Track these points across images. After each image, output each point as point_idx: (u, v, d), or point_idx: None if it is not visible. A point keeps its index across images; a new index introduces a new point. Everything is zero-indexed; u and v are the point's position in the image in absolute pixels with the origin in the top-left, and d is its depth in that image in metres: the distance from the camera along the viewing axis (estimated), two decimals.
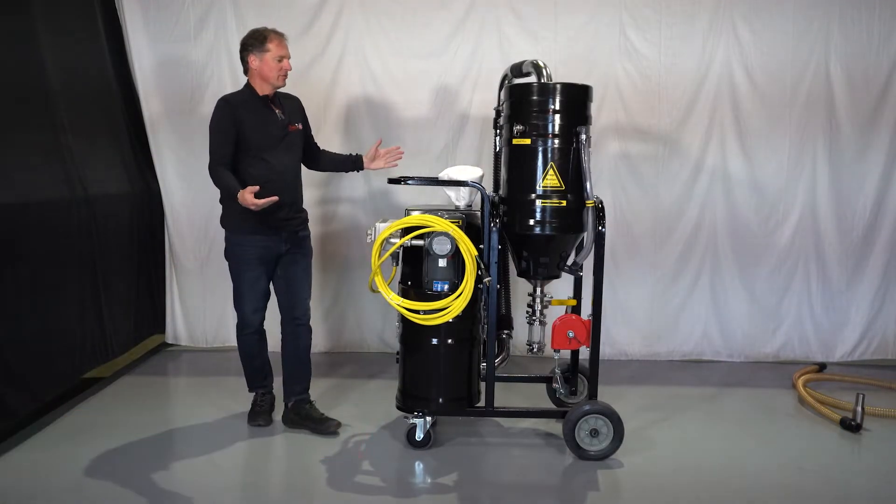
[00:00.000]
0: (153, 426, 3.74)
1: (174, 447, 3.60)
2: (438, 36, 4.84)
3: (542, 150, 3.38)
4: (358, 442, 3.60)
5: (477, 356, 3.52)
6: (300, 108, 3.77)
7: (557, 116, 3.36)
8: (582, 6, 4.79)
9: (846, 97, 4.81)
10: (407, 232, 3.37)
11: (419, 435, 3.47)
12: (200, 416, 3.90)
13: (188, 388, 4.61)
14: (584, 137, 3.35)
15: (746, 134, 4.86)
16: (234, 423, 3.81)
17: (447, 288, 3.35)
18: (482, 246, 3.41)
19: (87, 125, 4.27)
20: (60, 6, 4.17)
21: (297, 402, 3.76)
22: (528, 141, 3.39)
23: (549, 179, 3.37)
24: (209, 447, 3.51)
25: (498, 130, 3.84)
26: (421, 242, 3.35)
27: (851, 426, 3.77)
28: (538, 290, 3.65)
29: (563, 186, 3.38)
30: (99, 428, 3.70)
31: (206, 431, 3.72)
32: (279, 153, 3.58)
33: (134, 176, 4.78)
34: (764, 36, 4.78)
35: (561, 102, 3.36)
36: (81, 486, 3.11)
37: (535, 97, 3.39)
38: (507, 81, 3.76)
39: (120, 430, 3.66)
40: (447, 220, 3.34)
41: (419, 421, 3.47)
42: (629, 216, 4.94)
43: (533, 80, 3.52)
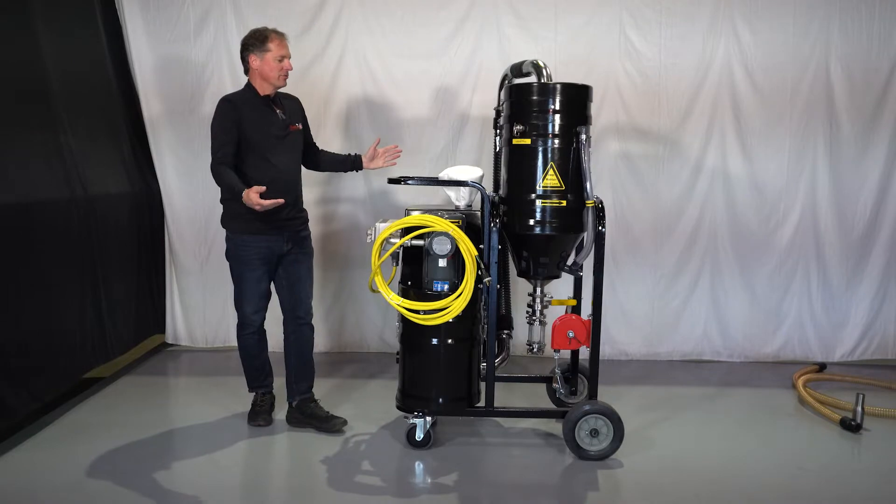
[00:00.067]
0: (153, 426, 3.74)
1: (174, 447, 3.60)
2: (438, 36, 4.84)
3: (542, 150, 3.38)
4: (358, 442, 3.60)
5: (477, 356, 3.52)
6: (300, 108, 3.77)
7: (557, 116, 3.36)
8: (582, 6, 4.79)
9: (846, 97, 4.81)
10: (407, 232, 3.37)
11: (419, 435, 3.47)
12: (201, 415, 3.90)
13: (188, 388, 4.61)
14: (584, 137, 3.35)
15: (746, 134, 4.86)
16: (234, 422, 3.81)
17: (447, 288, 3.35)
18: (482, 246, 3.41)
19: (87, 125, 4.27)
20: (60, 6, 4.17)
21: (301, 401, 3.76)
22: (528, 141, 3.39)
23: (549, 179, 3.37)
24: (209, 447, 3.51)
25: (498, 130, 3.85)
26: (421, 242, 3.35)
27: (851, 426, 3.77)
28: (538, 290, 3.65)
29: (563, 186, 3.38)
30: (99, 428, 3.70)
31: (206, 431, 3.72)
32: (280, 153, 3.58)
33: (134, 176, 4.78)
34: (764, 36, 4.78)
35: (561, 102, 3.36)
36: (82, 485, 3.11)
37: (535, 97, 3.39)
38: (507, 81, 3.76)
39: (120, 429, 3.66)
40: (447, 220, 3.34)
41: (419, 421, 3.47)
42: (629, 216, 4.94)
43: (533, 80, 3.52)
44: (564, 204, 3.39)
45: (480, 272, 3.34)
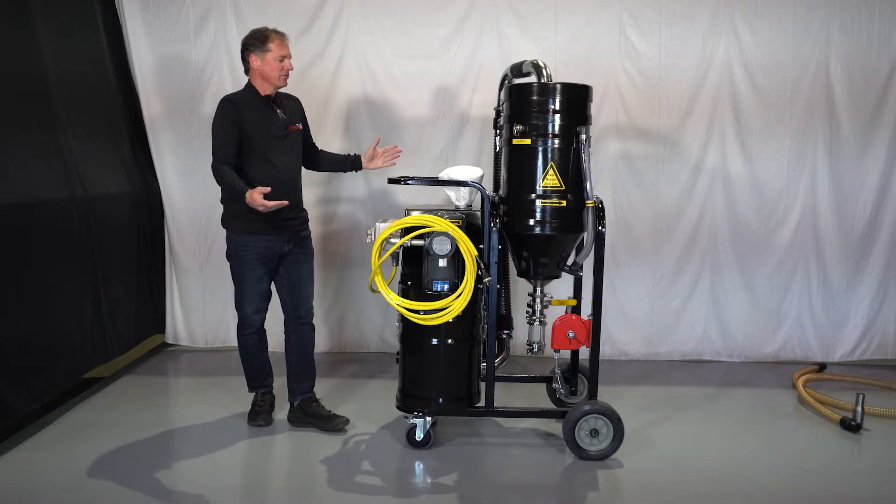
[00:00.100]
0: (153, 426, 3.74)
1: (174, 447, 3.60)
2: (438, 36, 4.84)
3: (542, 150, 3.38)
4: (358, 442, 3.60)
5: (477, 356, 3.52)
6: (300, 108, 3.77)
7: (557, 116, 3.36)
8: (582, 6, 4.79)
9: (846, 97, 4.81)
10: (407, 232, 3.37)
11: (419, 435, 3.47)
12: (201, 415, 3.89)
13: (188, 387, 4.60)
14: (584, 137, 3.35)
15: (746, 134, 4.86)
16: (234, 422, 3.81)
17: (447, 288, 3.35)
18: (482, 246, 3.41)
19: (87, 125, 4.27)
20: (60, 6, 4.17)
21: (303, 400, 3.76)
22: (528, 141, 3.39)
23: (549, 179, 3.37)
24: (209, 447, 3.51)
25: (498, 130, 3.85)
26: (421, 242, 3.35)
27: (851, 426, 3.77)
28: (538, 290, 3.65)
29: (563, 186, 3.38)
30: (99, 428, 3.70)
31: (206, 431, 3.72)
32: (281, 153, 3.58)
33: (134, 176, 4.78)
34: (764, 36, 4.78)
35: (561, 102, 3.36)
36: (82, 485, 3.11)
37: (535, 97, 3.39)
38: (507, 81, 3.76)
39: (120, 429, 3.66)
40: (447, 220, 3.34)
41: (419, 421, 3.47)
42: (629, 216, 4.94)
43: (533, 80, 3.52)
44: (564, 204, 3.39)
45: (480, 272, 3.34)
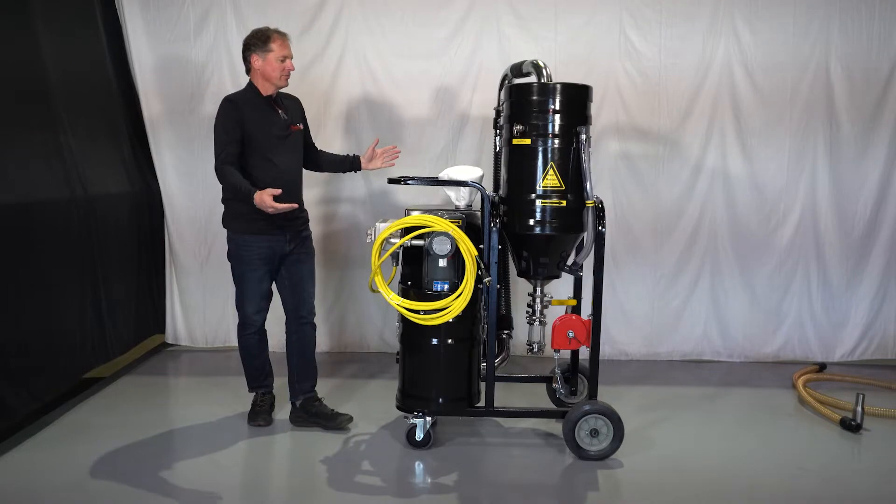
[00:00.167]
0: (153, 426, 3.74)
1: (174, 447, 3.60)
2: (438, 36, 4.84)
3: (542, 150, 3.38)
4: (358, 442, 3.60)
5: (477, 356, 3.52)
6: (300, 108, 3.78)
7: (557, 116, 3.36)
8: (582, 6, 4.79)
9: (846, 97, 4.81)
10: (407, 232, 3.37)
11: (419, 435, 3.47)
12: (201, 415, 3.89)
13: (188, 387, 4.60)
14: (584, 137, 3.35)
15: (746, 134, 4.86)
16: (234, 422, 3.81)
17: (447, 288, 3.35)
18: (482, 246, 3.41)
19: (87, 125, 4.27)
20: (60, 6, 4.17)
21: (305, 400, 3.76)
22: (528, 141, 3.39)
23: (549, 179, 3.37)
24: (210, 447, 3.51)
25: (498, 130, 3.85)
26: (421, 242, 3.35)
27: (851, 426, 3.77)
28: (538, 290, 3.65)
29: (563, 186, 3.38)
30: (99, 428, 3.70)
31: (206, 431, 3.72)
32: (282, 153, 3.58)
33: (134, 176, 4.78)
34: (764, 36, 4.78)
35: (561, 102, 3.36)
36: (82, 485, 3.10)
37: (535, 97, 3.39)
38: (507, 81, 3.76)
39: (120, 429, 3.66)
40: (447, 220, 3.34)
41: (419, 421, 3.46)
42: (629, 216, 4.94)
43: (533, 80, 3.52)
44: (564, 204, 3.39)
45: (480, 272, 3.34)
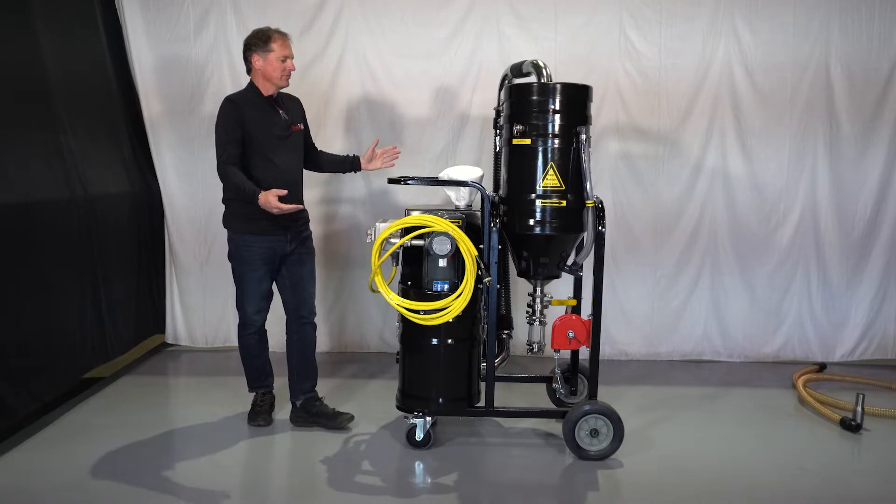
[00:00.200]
0: (153, 426, 3.74)
1: (174, 447, 3.60)
2: (438, 36, 4.84)
3: (542, 150, 3.38)
4: (358, 442, 3.60)
5: (477, 356, 3.52)
6: (301, 108, 3.78)
7: (557, 116, 3.36)
8: (582, 6, 4.79)
9: (846, 97, 4.81)
10: (407, 232, 3.37)
11: (419, 435, 3.47)
12: (201, 415, 3.89)
13: (188, 388, 4.60)
14: (584, 137, 3.35)
15: (746, 134, 4.86)
16: (234, 422, 3.81)
17: (447, 288, 3.35)
18: (482, 246, 3.41)
19: (87, 125, 4.27)
20: (60, 6, 4.17)
21: (306, 400, 3.76)
22: (528, 141, 3.39)
23: (549, 179, 3.37)
24: (210, 447, 3.51)
25: (498, 130, 3.85)
26: (421, 242, 3.35)
27: (851, 426, 3.77)
28: (538, 290, 3.65)
29: (563, 186, 3.38)
30: (99, 428, 3.70)
31: (206, 431, 3.72)
32: (283, 153, 3.58)
33: (134, 176, 4.78)
34: (764, 36, 4.78)
35: (561, 102, 3.36)
36: (82, 485, 3.10)
37: (535, 97, 3.39)
38: (507, 81, 3.76)
39: (120, 429, 3.66)
40: (447, 220, 3.34)
41: (419, 421, 3.46)
42: (629, 216, 4.94)
43: (533, 80, 3.52)
44: (564, 204, 3.39)
45: (480, 272, 3.34)
